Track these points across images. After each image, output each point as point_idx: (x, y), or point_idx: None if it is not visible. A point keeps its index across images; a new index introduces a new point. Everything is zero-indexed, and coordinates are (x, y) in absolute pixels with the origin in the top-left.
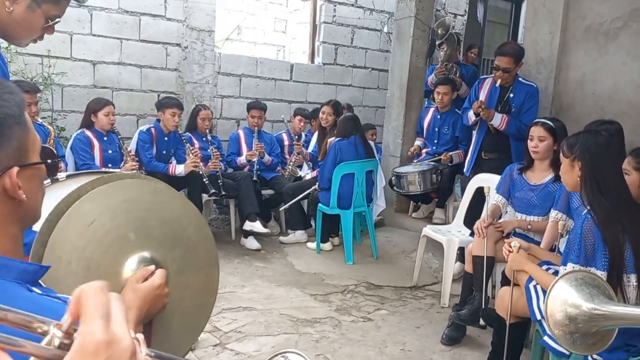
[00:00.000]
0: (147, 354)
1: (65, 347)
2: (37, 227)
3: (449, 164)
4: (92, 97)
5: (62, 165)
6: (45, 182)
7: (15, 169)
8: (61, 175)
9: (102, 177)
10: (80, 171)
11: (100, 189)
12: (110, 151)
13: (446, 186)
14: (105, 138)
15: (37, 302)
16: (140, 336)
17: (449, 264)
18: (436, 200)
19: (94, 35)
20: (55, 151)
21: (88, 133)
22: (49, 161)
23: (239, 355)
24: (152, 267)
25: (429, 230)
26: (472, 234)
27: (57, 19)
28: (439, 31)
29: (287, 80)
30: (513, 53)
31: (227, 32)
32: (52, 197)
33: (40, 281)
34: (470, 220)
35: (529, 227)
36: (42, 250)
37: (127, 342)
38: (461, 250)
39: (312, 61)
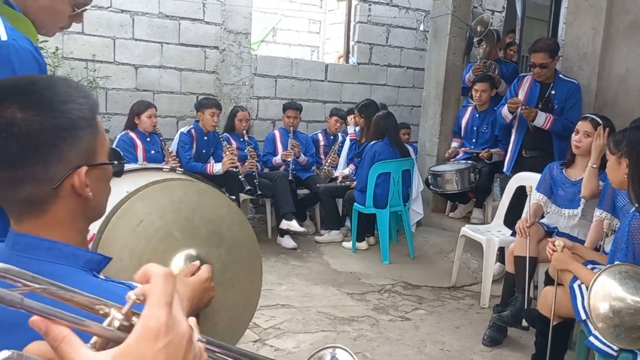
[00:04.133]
0: (199, 339)
1: (124, 329)
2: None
3: (488, 162)
4: (135, 99)
5: None
6: None
7: (84, 169)
8: None
9: (151, 181)
10: (134, 166)
11: (148, 190)
12: (152, 152)
13: (485, 185)
14: (148, 139)
15: (102, 287)
16: (193, 320)
17: (488, 264)
18: (474, 199)
19: (136, 39)
20: (122, 153)
21: (132, 134)
22: (115, 162)
23: (278, 351)
24: (197, 262)
25: (467, 230)
26: (513, 234)
27: (85, 7)
28: (478, 28)
29: (322, 81)
30: (547, 48)
31: (262, 34)
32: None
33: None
34: (511, 220)
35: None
36: (96, 249)
37: (185, 327)
38: (501, 250)
39: (347, 61)
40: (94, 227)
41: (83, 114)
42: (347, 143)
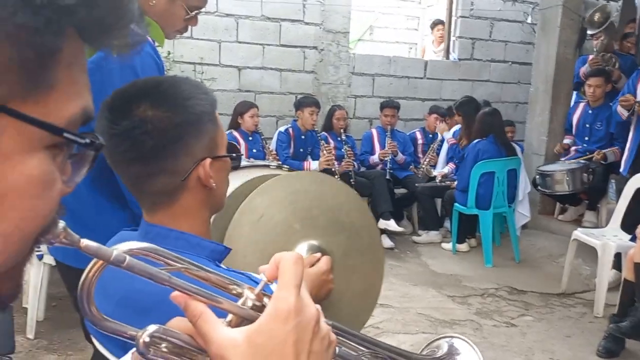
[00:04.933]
0: (325, 322)
1: (257, 308)
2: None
3: (602, 162)
4: (238, 100)
5: None
6: None
7: (208, 160)
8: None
9: (268, 174)
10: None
11: (268, 183)
12: (254, 150)
13: (599, 186)
14: (250, 138)
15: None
16: (318, 306)
17: (603, 271)
18: (586, 201)
19: (239, 42)
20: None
21: (235, 134)
22: (234, 155)
23: None
24: (318, 254)
25: (580, 233)
26: (632, 239)
27: (198, 10)
28: (596, 18)
29: (421, 78)
30: None
31: (360, 33)
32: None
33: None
34: (629, 224)
35: None
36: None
37: (313, 310)
38: (617, 256)
39: (447, 57)
40: None
41: (205, 109)
42: (447, 141)
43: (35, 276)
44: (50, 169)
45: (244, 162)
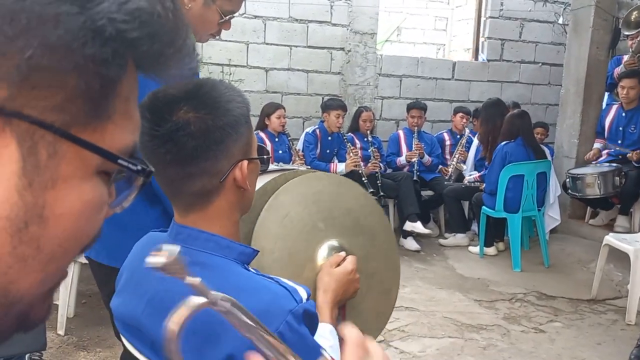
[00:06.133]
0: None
1: None
2: None
3: (636, 165)
4: (265, 101)
5: None
6: None
7: (245, 162)
8: None
9: (288, 173)
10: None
11: (293, 182)
12: (280, 151)
13: (632, 190)
14: (276, 139)
15: (254, 279)
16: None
17: (636, 277)
18: (618, 206)
19: (267, 43)
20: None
21: (262, 135)
22: (264, 157)
23: (403, 354)
24: (343, 253)
25: (612, 238)
26: None
27: (232, 14)
28: (633, 18)
29: (449, 79)
30: None
31: (387, 34)
32: None
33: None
34: None
35: None
36: (249, 243)
37: None
38: None
39: (476, 58)
40: None
41: (242, 112)
42: (475, 142)
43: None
44: (102, 193)
45: (272, 167)
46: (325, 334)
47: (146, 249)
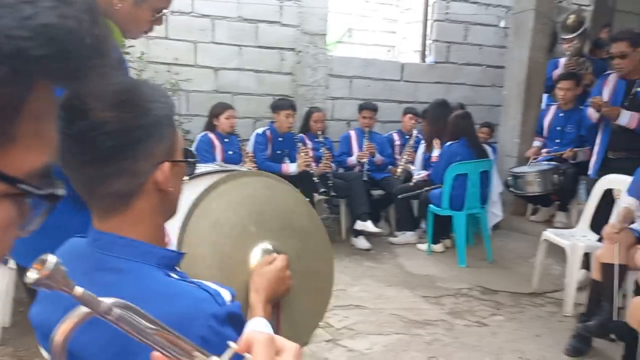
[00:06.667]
0: None
1: None
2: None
3: (572, 162)
4: (214, 101)
5: None
6: None
7: (167, 164)
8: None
9: (220, 179)
10: (201, 172)
11: (220, 189)
12: (230, 152)
13: (569, 187)
14: (226, 140)
15: (173, 285)
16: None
17: (572, 271)
18: (557, 202)
19: (215, 43)
20: (193, 152)
21: (211, 135)
22: (191, 160)
23: (351, 351)
24: (274, 254)
25: (550, 234)
26: (600, 240)
27: (164, 11)
28: (570, 22)
29: (398, 81)
30: (629, 37)
31: (338, 35)
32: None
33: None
34: (598, 225)
35: None
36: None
37: None
38: (586, 256)
39: (423, 60)
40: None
41: (166, 112)
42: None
43: (0, 281)
44: (9, 216)
45: (211, 167)
46: (260, 328)
47: (66, 255)
